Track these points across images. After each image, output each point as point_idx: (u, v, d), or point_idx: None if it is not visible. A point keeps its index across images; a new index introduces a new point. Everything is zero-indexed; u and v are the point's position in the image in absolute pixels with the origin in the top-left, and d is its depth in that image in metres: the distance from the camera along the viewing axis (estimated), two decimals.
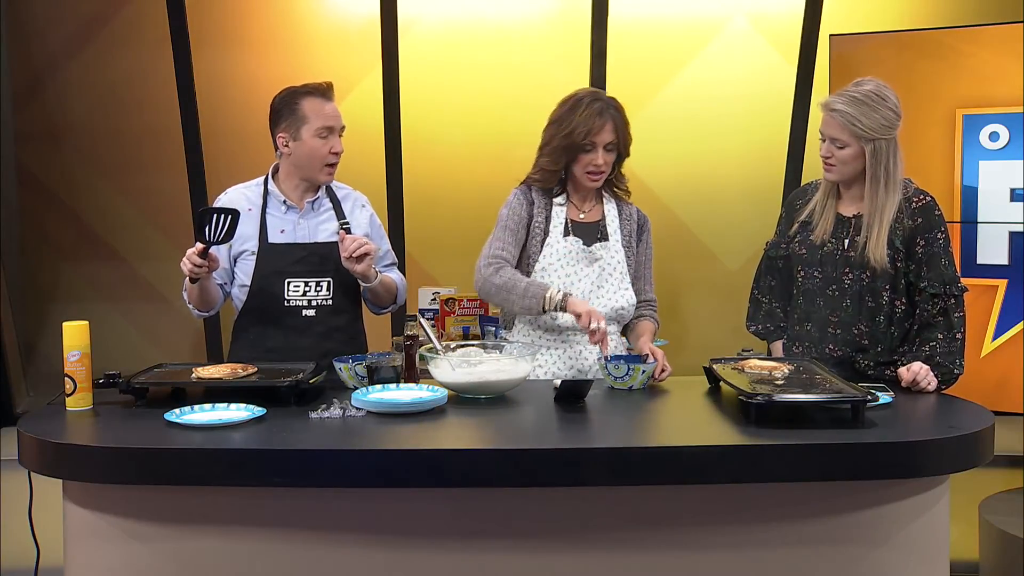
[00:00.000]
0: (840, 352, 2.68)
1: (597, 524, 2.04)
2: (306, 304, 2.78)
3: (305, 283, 2.78)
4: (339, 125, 2.79)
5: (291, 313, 2.78)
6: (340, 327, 2.82)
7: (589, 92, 2.73)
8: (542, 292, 2.58)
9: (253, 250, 2.78)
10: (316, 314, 2.79)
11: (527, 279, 2.63)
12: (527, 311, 2.62)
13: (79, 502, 2.09)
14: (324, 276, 2.79)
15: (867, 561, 2.06)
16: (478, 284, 2.68)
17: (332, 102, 2.79)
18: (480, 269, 2.67)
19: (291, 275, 2.78)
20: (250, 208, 2.81)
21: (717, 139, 4.21)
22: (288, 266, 2.78)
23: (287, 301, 2.77)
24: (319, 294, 2.79)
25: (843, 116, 2.56)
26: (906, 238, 2.60)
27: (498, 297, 2.65)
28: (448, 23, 4.18)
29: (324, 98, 2.76)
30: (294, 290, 2.78)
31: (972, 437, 2.08)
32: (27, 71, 4.17)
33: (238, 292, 2.83)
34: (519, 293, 2.60)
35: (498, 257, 2.66)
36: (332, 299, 2.80)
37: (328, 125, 2.75)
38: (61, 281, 4.29)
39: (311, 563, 2.02)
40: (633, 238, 2.81)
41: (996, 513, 3.33)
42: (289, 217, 2.82)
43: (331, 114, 2.77)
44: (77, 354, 2.27)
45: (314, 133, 2.74)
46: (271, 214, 2.82)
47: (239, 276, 2.82)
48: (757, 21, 4.17)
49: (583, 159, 2.68)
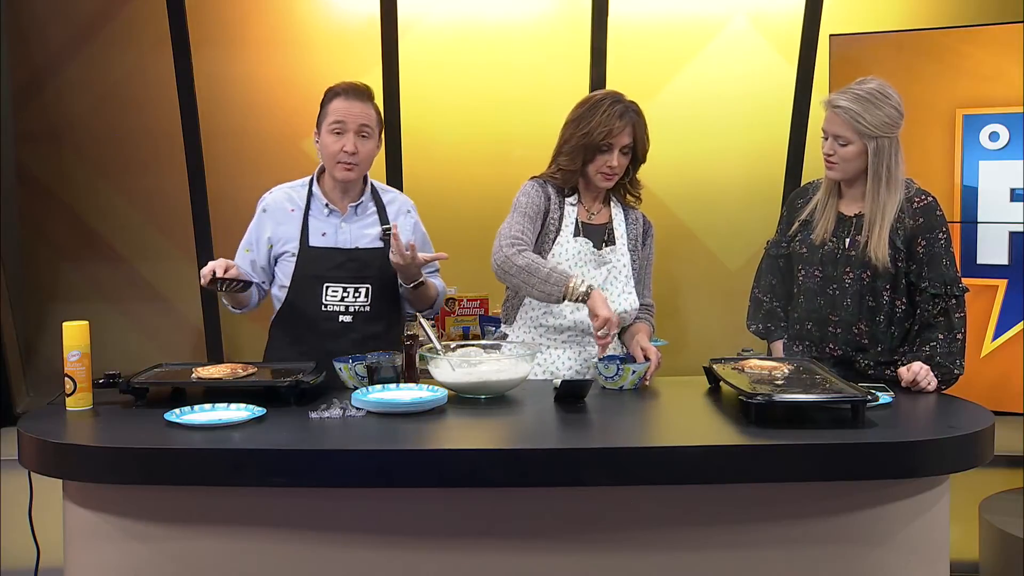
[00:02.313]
0: (840, 352, 2.68)
1: (597, 524, 2.04)
2: (343, 310, 2.77)
3: (344, 288, 2.76)
4: (355, 123, 2.72)
5: (328, 318, 2.76)
6: (377, 334, 2.78)
7: (610, 94, 2.71)
8: (565, 280, 2.52)
9: (294, 252, 2.77)
10: (353, 320, 2.77)
11: (551, 264, 2.58)
12: (545, 297, 2.55)
13: (79, 502, 2.09)
14: (363, 282, 2.77)
15: (867, 561, 2.06)
16: (497, 262, 2.60)
17: (360, 102, 2.74)
18: (501, 248, 2.60)
19: (330, 280, 2.76)
20: (293, 209, 2.81)
21: (717, 139, 4.20)
22: (327, 271, 2.76)
23: (324, 306, 2.76)
24: (357, 300, 2.77)
25: (847, 113, 2.56)
26: (907, 238, 2.61)
27: (518, 278, 2.57)
28: (448, 23, 4.17)
29: (349, 97, 2.73)
30: (332, 295, 2.76)
31: (972, 437, 2.08)
32: (27, 71, 4.17)
33: (278, 292, 2.82)
34: (541, 277, 2.54)
35: (519, 239, 2.62)
36: (370, 306, 2.78)
37: (339, 119, 2.71)
38: (61, 281, 4.29)
39: (311, 563, 2.02)
40: (638, 242, 2.81)
41: (996, 513, 3.33)
42: (331, 220, 2.80)
43: (347, 111, 2.72)
44: (77, 354, 2.27)
45: (328, 129, 2.73)
46: (313, 216, 2.80)
47: (279, 277, 2.81)
48: (757, 21, 4.16)
49: (599, 159, 2.67)
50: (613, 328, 2.48)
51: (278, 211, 2.81)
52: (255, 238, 2.82)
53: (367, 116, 2.75)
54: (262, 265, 2.81)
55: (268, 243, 2.81)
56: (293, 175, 2.91)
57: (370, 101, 2.77)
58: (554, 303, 2.57)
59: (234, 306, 2.80)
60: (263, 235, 2.81)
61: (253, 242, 2.83)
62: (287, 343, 2.79)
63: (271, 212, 2.82)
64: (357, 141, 2.73)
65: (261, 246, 2.81)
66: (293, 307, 2.78)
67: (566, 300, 2.53)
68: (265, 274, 2.82)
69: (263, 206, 2.84)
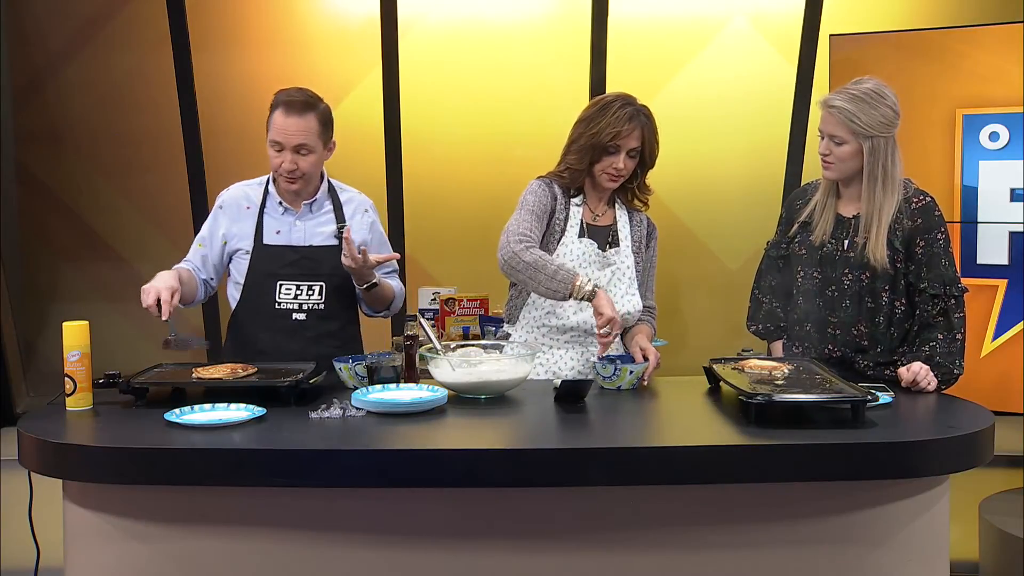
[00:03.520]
0: (840, 353, 2.68)
1: (597, 524, 2.04)
2: (296, 308, 2.77)
3: (297, 286, 2.77)
4: (292, 142, 2.66)
5: (281, 316, 2.76)
6: (331, 332, 2.80)
7: (621, 95, 2.70)
8: (572, 279, 2.51)
9: (248, 249, 2.78)
10: (307, 318, 2.77)
11: (558, 263, 2.56)
12: (551, 294, 2.54)
13: (79, 502, 2.09)
14: (316, 280, 2.77)
15: (867, 561, 2.06)
16: (504, 258, 2.58)
17: (297, 117, 2.65)
18: (508, 244, 2.58)
19: (283, 277, 2.76)
20: (248, 207, 2.81)
21: (717, 139, 4.21)
22: (280, 268, 2.77)
23: (278, 303, 2.76)
24: (311, 298, 2.77)
25: (842, 112, 2.56)
26: (906, 239, 2.60)
27: (525, 274, 2.55)
28: (448, 23, 4.18)
29: (288, 112, 2.65)
30: (285, 293, 2.76)
31: (972, 437, 2.08)
32: (27, 71, 4.18)
33: (233, 290, 2.83)
34: (548, 274, 2.52)
35: (527, 236, 2.61)
36: (324, 304, 2.78)
37: (276, 139, 2.67)
38: (61, 281, 4.29)
39: (311, 563, 2.02)
40: (642, 244, 2.81)
41: (996, 513, 3.33)
42: (286, 219, 2.80)
43: (283, 129, 2.65)
44: (77, 354, 2.27)
45: (269, 142, 2.71)
46: (268, 214, 2.81)
47: (234, 274, 2.82)
48: (757, 21, 4.17)
49: (605, 160, 2.67)
50: (616, 328, 2.48)
51: (234, 208, 2.82)
52: (209, 233, 2.83)
53: (305, 132, 2.67)
54: (214, 262, 2.81)
55: (223, 239, 2.81)
56: None
57: (311, 111, 2.67)
58: (559, 300, 2.57)
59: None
60: (218, 231, 2.82)
61: (207, 237, 2.83)
62: (241, 341, 2.80)
63: (227, 208, 2.83)
64: (296, 158, 2.69)
65: (215, 242, 2.81)
66: (248, 305, 2.79)
67: (572, 298, 2.53)
68: (215, 271, 2.83)
69: (220, 202, 2.85)
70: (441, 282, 3.91)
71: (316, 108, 2.70)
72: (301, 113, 2.66)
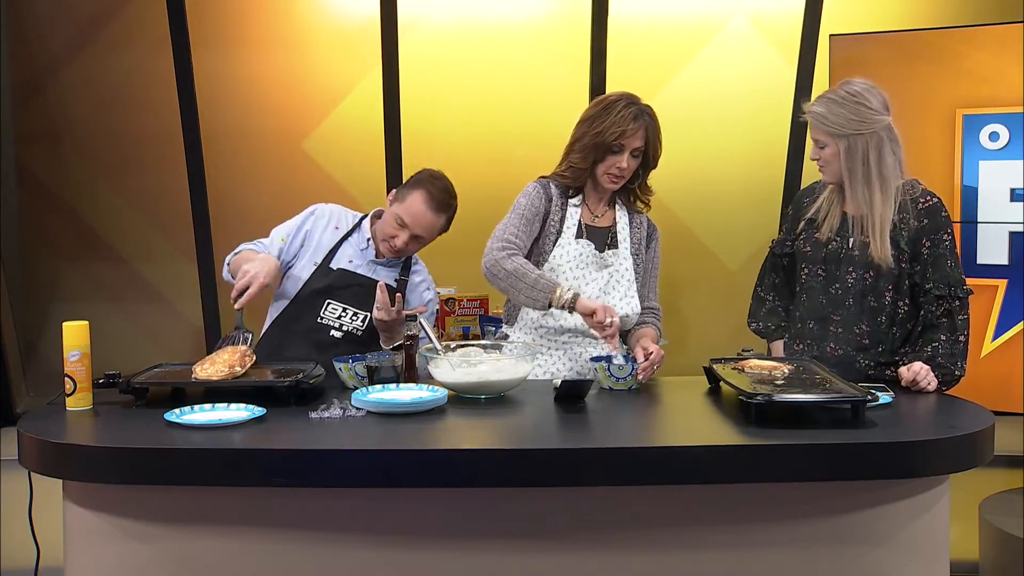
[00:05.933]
0: (841, 351, 2.68)
1: (597, 524, 2.04)
2: (337, 327, 2.81)
3: (344, 309, 2.82)
4: (417, 230, 2.78)
5: (318, 329, 2.81)
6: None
7: (625, 95, 2.71)
8: (552, 288, 2.53)
9: (316, 262, 2.83)
10: (342, 338, 2.81)
11: (538, 271, 2.58)
12: (532, 303, 2.57)
13: (79, 502, 2.09)
14: (364, 310, 2.82)
15: (867, 561, 2.06)
16: (487, 265, 2.61)
17: (434, 215, 2.78)
18: (492, 250, 2.62)
19: (333, 297, 2.81)
20: (337, 227, 2.88)
21: (717, 139, 4.20)
22: (336, 289, 2.81)
23: (320, 318, 2.81)
24: (352, 322, 2.82)
25: (813, 116, 2.62)
26: (912, 239, 2.60)
27: (505, 282, 2.58)
28: (448, 23, 4.17)
29: (429, 206, 2.77)
30: (331, 312, 2.81)
31: (972, 437, 2.08)
32: (27, 71, 4.17)
33: (273, 309, 2.87)
34: (528, 283, 2.55)
35: (512, 243, 2.63)
36: (363, 331, 2.82)
37: (405, 220, 2.77)
38: (61, 281, 4.28)
39: (311, 563, 2.02)
40: (642, 245, 2.80)
41: (996, 513, 3.33)
42: (364, 255, 2.87)
43: (417, 219, 2.77)
44: (77, 354, 2.27)
45: (393, 214, 2.79)
46: (349, 243, 2.87)
47: (292, 280, 2.84)
48: (757, 21, 4.16)
49: (608, 160, 2.67)
50: (612, 314, 2.48)
51: (324, 219, 2.90)
52: (294, 229, 2.88)
53: (432, 229, 2.82)
54: (285, 258, 2.86)
55: (302, 240, 2.86)
56: (293, 175, 2.93)
57: (445, 212, 2.82)
58: (540, 309, 2.59)
59: None
60: (303, 228, 2.87)
61: (291, 232, 2.88)
62: (276, 345, 2.82)
63: (318, 217, 2.90)
64: (410, 241, 2.80)
65: (296, 239, 2.86)
66: (292, 315, 2.83)
67: (552, 307, 2.55)
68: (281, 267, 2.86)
69: (313, 208, 2.92)
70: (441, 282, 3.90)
71: (450, 209, 2.83)
72: (438, 212, 2.79)
